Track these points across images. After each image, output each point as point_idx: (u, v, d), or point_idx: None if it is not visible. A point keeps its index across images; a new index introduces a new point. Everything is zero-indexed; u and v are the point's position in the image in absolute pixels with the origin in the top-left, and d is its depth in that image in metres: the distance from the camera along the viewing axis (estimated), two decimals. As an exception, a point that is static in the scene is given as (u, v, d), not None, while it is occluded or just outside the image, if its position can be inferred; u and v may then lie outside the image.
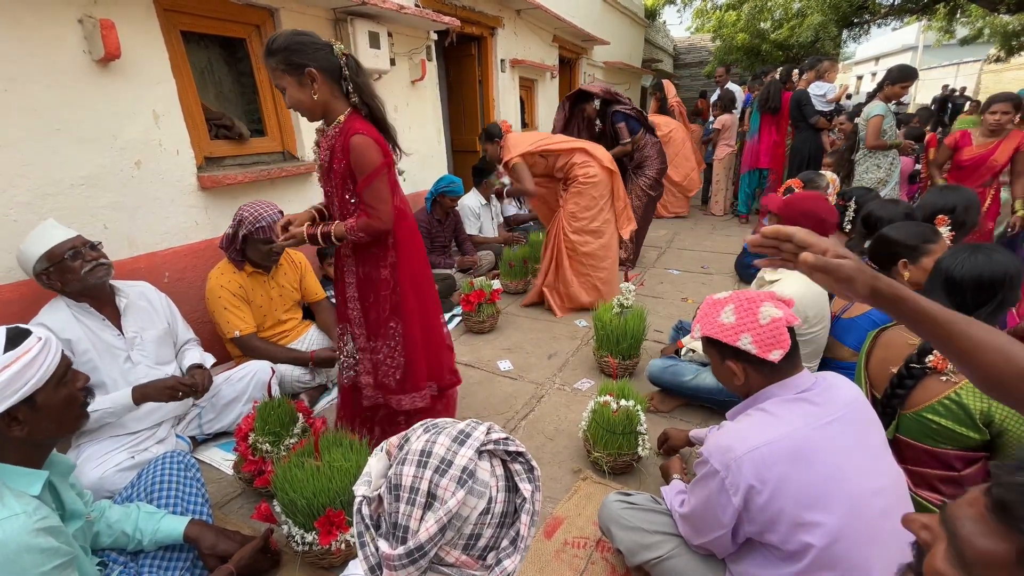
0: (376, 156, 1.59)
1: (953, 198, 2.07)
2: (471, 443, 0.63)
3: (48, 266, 1.68)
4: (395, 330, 1.78)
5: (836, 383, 1.14)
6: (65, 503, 1.10)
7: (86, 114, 2.08)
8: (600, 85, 3.93)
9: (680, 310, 3.42)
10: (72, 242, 1.72)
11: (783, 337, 1.09)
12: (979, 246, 1.33)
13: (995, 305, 1.27)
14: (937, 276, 1.35)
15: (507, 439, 0.66)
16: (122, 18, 2.12)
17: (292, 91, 1.55)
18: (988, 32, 13.56)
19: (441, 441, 0.63)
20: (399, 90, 3.89)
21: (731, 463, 1.04)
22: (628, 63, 9.63)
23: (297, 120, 3.07)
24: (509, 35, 5.47)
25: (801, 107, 5.01)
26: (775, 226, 0.83)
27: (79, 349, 1.72)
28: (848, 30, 11.69)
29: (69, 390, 1.08)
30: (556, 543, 1.59)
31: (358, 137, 1.57)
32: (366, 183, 1.61)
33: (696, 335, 1.21)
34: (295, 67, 1.51)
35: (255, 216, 2.20)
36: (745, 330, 1.11)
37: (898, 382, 1.35)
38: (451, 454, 0.62)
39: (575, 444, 2.08)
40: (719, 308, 1.18)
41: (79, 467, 1.65)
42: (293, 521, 1.43)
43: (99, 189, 2.16)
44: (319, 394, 2.51)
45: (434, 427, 0.67)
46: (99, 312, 1.80)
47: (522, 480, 0.64)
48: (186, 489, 1.50)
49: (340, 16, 3.18)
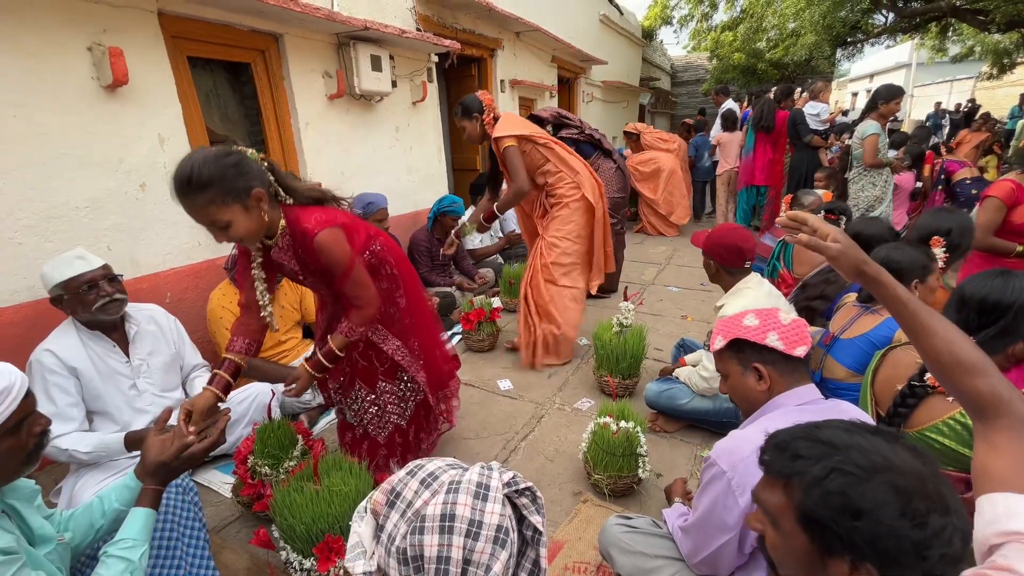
0: (346, 247, 1.48)
1: (949, 220, 2.09)
2: (493, 495, 0.60)
3: (62, 294, 1.70)
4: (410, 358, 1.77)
5: (843, 406, 1.16)
6: (33, 527, 1.07)
7: (93, 139, 2.12)
8: (551, 110, 3.69)
9: (680, 328, 3.42)
10: (92, 274, 1.72)
11: (806, 334, 1.16)
12: (1009, 272, 1.32)
13: (997, 330, 1.26)
14: (954, 293, 1.38)
15: (515, 478, 0.64)
16: (130, 45, 2.17)
17: (241, 222, 1.31)
18: (979, 50, 13.77)
19: (463, 501, 0.59)
20: (401, 111, 3.95)
21: (738, 463, 1.04)
22: (626, 82, 9.78)
23: (300, 141, 3.12)
24: (509, 56, 5.57)
25: (796, 126, 5.12)
26: (796, 212, 1.00)
27: (85, 376, 1.73)
28: (842, 49, 11.89)
29: (17, 441, 0.99)
30: (557, 568, 1.57)
31: (323, 234, 1.42)
32: (345, 278, 1.49)
33: (718, 345, 1.23)
34: (239, 194, 1.29)
35: None
36: (771, 329, 1.16)
37: (901, 401, 1.35)
38: (479, 514, 0.58)
39: (575, 466, 2.07)
40: (740, 317, 1.22)
41: (77, 493, 1.64)
42: (292, 547, 1.42)
43: (104, 211, 2.18)
44: (319, 414, 2.50)
45: (432, 479, 0.63)
46: (108, 338, 1.81)
47: (531, 513, 0.63)
48: (182, 513, 1.48)
49: (343, 40, 3.25)
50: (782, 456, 0.70)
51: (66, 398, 1.68)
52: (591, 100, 8.38)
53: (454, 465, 0.66)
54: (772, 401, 1.16)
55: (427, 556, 0.56)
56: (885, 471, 0.62)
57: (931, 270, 1.73)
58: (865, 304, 1.80)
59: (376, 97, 3.57)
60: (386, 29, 3.25)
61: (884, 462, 0.63)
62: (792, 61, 11.56)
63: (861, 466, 0.63)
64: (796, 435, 0.71)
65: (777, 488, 0.71)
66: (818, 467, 0.65)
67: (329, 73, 3.22)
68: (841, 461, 0.64)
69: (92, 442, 1.69)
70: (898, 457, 0.64)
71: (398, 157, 3.99)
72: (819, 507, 0.64)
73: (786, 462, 0.69)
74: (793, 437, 0.71)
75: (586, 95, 8.19)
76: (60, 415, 1.65)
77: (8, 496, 1.04)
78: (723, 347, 1.22)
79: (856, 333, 1.76)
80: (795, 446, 0.69)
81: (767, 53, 12.11)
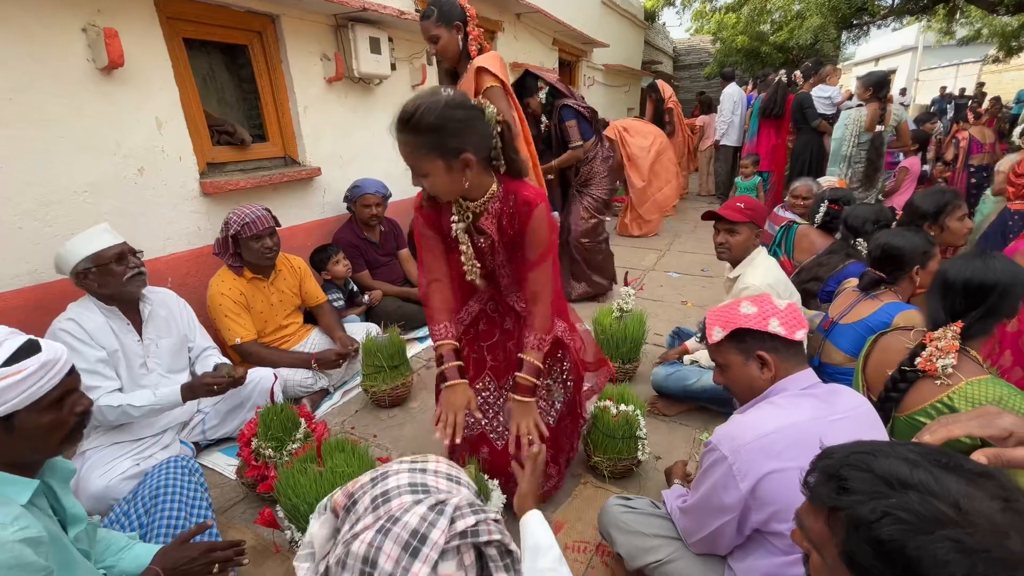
0: (553, 233, 1.40)
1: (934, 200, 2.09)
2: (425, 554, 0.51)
3: (92, 267, 1.72)
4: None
5: (841, 390, 1.17)
6: (66, 507, 1.10)
7: (90, 122, 2.10)
8: (550, 74, 3.24)
9: (680, 313, 3.43)
10: (120, 247, 1.79)
11: (802, 318, 1.15)
12: (988, 254, 1.34)
13: (983, 311, 1.28)
14: (937, 277, 1.38)
15: (476, 527, 0.55)
16: (125, 26, 2.14)
17: (439, 178, 1.25)
18: (987, 33, 13.56)
19: (388, 550, 0.51)
20: (400, 94, 3.90)
21: (740, 449, 1.05)
22: (628, 65, 9.64)
23: (299, 125, 3.09)
24: (509, 39, 5.49)
25: (804, 110, 5.03)
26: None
27: (109, 350, 1.77)
28: (847, 32, 11.69)
29: (59, 416, 1.01)
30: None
31: (543, 207, 1.36)
32: (543, 260, 1.39)
33: (716, 338, 1.20)
34: (447, 152, 1.21)
35: (240, 216, 2.26)
36: (771, 315, 1.15)
37: (892, 385, 1.36)
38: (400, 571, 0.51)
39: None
40: (734, 307, 1.21)
41: (84, 476, 1.67)
42: (296, 526, 1.45)
43: (103, 196, 2.18)
44: (321, 398, 2.53)
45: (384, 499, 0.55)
46: (124, 316, 1.84)
47: (498, 570, 0.55)
48: (190, 494, 1.51)
49: (341, 22, 3.20)
50: (828, 485, 0.61)
51: (97, 354, 1.73)
52: (592, 84, 8.28)
53: (416, 488, 0.57)
54: (773, 387, 1.16)
55: None
56: (951, 525, 0.51)
57: (932, 255, 1.75)
58: (865, 290, 1.80)
59: (375, 80, 3.52)
60: (384, 10, 3.19)
61: (951, 512, 0.52)
62: (797, 44, 11.38)
63: (921, 515, 0.52)
64: (847, 462, 0.60)
65: (820, 518, 0.62)
66: (867, 508, 0.55)
67: (327, 56, 3.18)
68: (896, 505, 0.54)
69: (145, 397, 1.75)
70: (974, 504, 0.52)
71: (398, 141, 3.96)
72: (864, 554, 0.55)
73: (831, 493, 0.60)
74: (843, 464, 0.60)
75: (587, 79, 8.09)
76: (94, 372, 1.70)
77: (47, 475, 1.06)
78: (723, 338, 1.20)
79: (855, 319, 1.77)
80: (845, 475, 0.59)
81: (771, 36, 11.94)
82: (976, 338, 1.32)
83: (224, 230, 2.28)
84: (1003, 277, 1.27)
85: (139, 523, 1.42)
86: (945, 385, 1.28)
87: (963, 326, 1.29)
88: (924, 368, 1.29)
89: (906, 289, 1.78)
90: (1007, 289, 1.27)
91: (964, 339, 1.29)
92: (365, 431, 2.31)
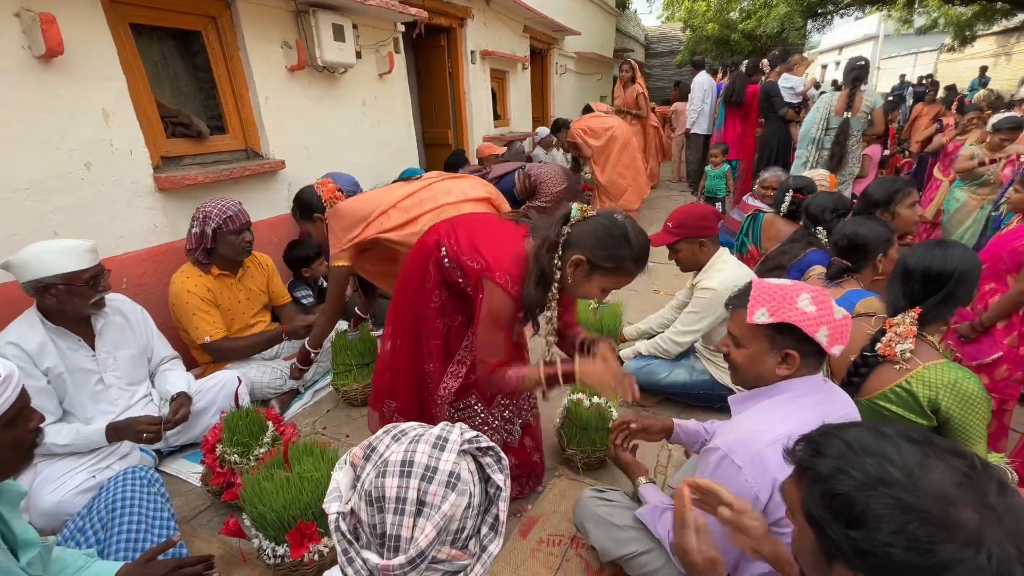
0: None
1: (885, 188, 2.16)
2: (451, 447, 0.67)
3: (59, 283, 1.59)
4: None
5: (834, 386, 1.17)
6: (16, 532, 1.04)
7: (29, 114, 1.97)
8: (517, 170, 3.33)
9: (653, 303, 3.46)
10: (96, 270, 1.67)
11: (848, 333, 1.07)
12: (945, 243, 1.38)
13: (941, 298, 1.32)
14: (897, 265, 1.42)
15: (477, 436, 0.71)
16: (64, 11, 2.00)
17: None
18: (943, 22, 14.02)
19: (422, 449, 0.66)
20: (366, 84, 3.79)
21: (755, 457, 1.01)
22: (600, 53, 9.62)
23: (260, 117, 2.97)
24: (479, 26, 5.39)
25: (770, 99, 5.10)
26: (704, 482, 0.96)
27: (53, 374, 1.65)
28: (813, 20, 11.94)
29: (17, 433, 0.98)
30: (532, 541, 1.60)
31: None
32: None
33: (759, 320, 1.07)
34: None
35: (221, 208, 2.17)
36: (824, 322, 1.05)
37: (854, 370, 1.40)
38: (435, 460, 0.65)
39: (549, 441, 2.09)
40: (794, 295, 1.08)
41: (35, 491, 1.58)
42: (264, 535, 1.41)
43: (48, 193, 2.05)
44: (291, 399, 2.46)
45: (403, 434, 0.70)
46: (73, 332, 1.72)
47: (494, 472, 0.70)
48: (150, 505, 1.44)
49: (301, 8, 3.07)
50: (807, 449, 0.67)
51: (36, 384, 1.61)
52: (564, 72, 8.23)
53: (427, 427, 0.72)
54: (778, 385, 1.12)
55: (387, 496, 0.63)
56: (896, 486, 0.56)
57: (892, 242, 1.80)
58: (832, 279, 1.84)
59: (340, 69, 3.41)
60: (348, -4, 3.08)
61: (901, 476, 0.57)
62: (764, 32, 11.56)
63: (871, 474, 0.58)
64: (827, 431, 0.67)
65: (793, 479, 0.69)
66: (826, 464, 0.62)
67: (288, 43, 3.05)
68: (851, 464, 0.60)
69: (70, 434, 1.65)
70: (928, 474, 0.57)
71: (366, 132, 3.85)
72: (817, 506, 0.62)
73: (805, 455, 0.66)
74: (823, 432, 0.67)
75: (559, 67, 8.04)
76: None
77: None
78: (766, 323, 1.07)
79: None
80: (820, 441, 0.66)
81: (740, 24, 12.07)
82: (933, 323, 1.36)
83: (200, 224, 2.16)
84: (960, 265, 1.31)
85: (96, 539, 1.35)
86: (904, 370, 1.32)
87: (921, 312, 1.33)
88: (884, 353, 1.33)
89: (867, 276, 1.82)
90: (963, 276, 1.31)
91: (922, 325, 1.33)
92: (337, 431, 2.26)
